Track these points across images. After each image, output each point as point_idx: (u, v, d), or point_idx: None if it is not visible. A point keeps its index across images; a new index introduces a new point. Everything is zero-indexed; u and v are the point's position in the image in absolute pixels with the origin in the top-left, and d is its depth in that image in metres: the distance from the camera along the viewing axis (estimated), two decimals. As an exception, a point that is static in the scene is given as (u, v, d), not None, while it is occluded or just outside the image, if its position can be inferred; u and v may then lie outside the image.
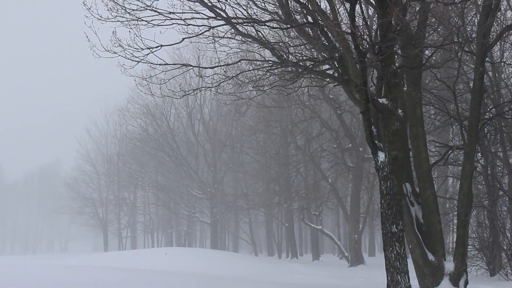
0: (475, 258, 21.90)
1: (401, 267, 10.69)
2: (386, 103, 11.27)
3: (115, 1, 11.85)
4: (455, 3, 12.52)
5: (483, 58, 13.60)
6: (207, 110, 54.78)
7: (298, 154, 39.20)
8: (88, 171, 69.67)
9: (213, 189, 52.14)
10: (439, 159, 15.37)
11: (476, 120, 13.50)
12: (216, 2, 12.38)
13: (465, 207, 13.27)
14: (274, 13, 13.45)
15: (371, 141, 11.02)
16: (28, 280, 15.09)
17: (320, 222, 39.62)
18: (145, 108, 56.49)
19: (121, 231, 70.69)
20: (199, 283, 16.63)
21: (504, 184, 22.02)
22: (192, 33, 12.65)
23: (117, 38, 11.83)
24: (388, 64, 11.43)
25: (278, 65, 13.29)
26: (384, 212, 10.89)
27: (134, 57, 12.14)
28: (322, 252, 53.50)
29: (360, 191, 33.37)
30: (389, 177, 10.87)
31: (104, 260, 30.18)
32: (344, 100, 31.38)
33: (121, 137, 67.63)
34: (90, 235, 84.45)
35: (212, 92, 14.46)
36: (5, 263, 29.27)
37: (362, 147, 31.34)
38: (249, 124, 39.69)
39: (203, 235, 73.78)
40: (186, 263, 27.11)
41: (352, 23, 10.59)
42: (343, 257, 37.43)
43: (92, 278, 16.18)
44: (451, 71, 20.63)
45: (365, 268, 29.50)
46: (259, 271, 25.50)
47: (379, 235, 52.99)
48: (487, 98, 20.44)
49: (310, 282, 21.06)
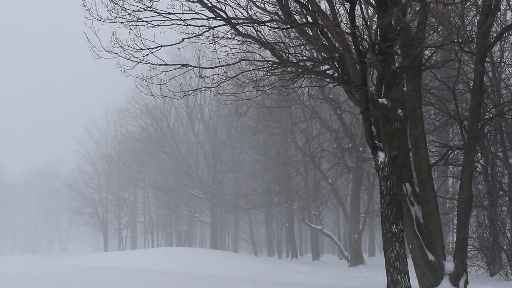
0: (475, 258, 21.91)
1: (401, 267, 10.69)
2: (386, 103, 11.27)
3: (115, 2, 11.86)
4: (455, 3, 12.51)
5: (483, 58, 13.61)
6: (207, 110, 54.80)
7: (298, 154, 39.20)
8: (88, 171, 69.65)
9: (213, 189, 52.13)
10: (439, 159, 15.36)
11: (476, 120, 13.51)
12: (216, 2, 12.38)
13: (465, 207, 13.27)
14: (274, 14, 13.46)
15: (371, 141, 11.02)
16: (28, 280, 15.09)
17: (320, 222, 39.63)
18: (145, 108, 56.53)
19: (121, 231, 70.68)
20: (199, 283, 16.63)
21: (504, 184, 22.01)
22: (192, 34, 12.65)
23: (117, 38, 11.84)
24: (388, 64, 11.45)
25: (278, 65, 13.30)
26: (384, 212, 10.89)
27: (134, 58, 12.14)
28: (322, 252, 53.53)
29: (360, 191, 33.37)
30: (389, 177, 10.87)
31: (104, 260, 30.17)
32: (344, 100, 31.38)
33: (121, 137, 67.68)
34: (90, 235, 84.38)
35: (212, 92, 14.46)
36: (5, 263, 29.25)
37: (362, 147, 31.35)
38: (249, 124, 39.69)
39: (203, 235, 73.78)
40: (186, 263, 27.10)
41: (352, 23, 10.60)
42: (343, 257, 37.44)
43: (92, 278, 16.18)
44: (451, 71, 20.64)
45: (365, 268, 29.50)
46: (259, 271, 25.50)
47: (379, 235, 52.98)
48: (487, 98, 20.44)
49: (310, 282, 21.05)
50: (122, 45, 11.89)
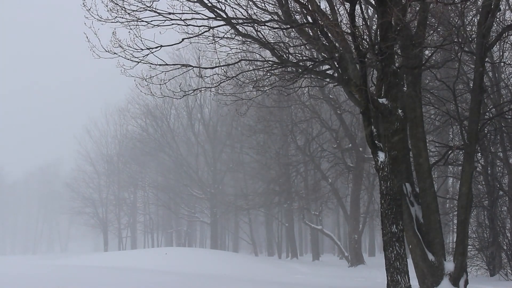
0: (475, 258, 21.91)
1: (401, 267, 10.69)
2: (386, 103, 11.27)
3: (115, 2, 11.86)
4: (455, 3, 12.51)
5: (483, 58, 13.60)
6: (207, 110, 54.80)
7: (298, 154, 39.19)
8: (88, 171, 69.67)
9: (213, 189, 52.13)
10: (439, 159, 15.36)
11: (476, 120, 13.50)
12: (216, 2, 12.39)
13: (465, 207, 13.26)
14: (274, 13, 13.46)
15: (371, 141, 11.02)
16: (28, 280, 15.10)
17: (320, 222, 39.64)
18: (145, 108, 56.53)
19: (121, 231, 70.69)
20: (199, 283, 16.63)
21: (504, 184, 22.01)
22: (192, 34, 12.66)
23: (117, 38, 11.84)
24: (388, 64, 11.44)
25: (278, 65, 13.29)
26: (384, 212, 10.89)
27: (134, 58, 12.15)
28: (322, 252, 53.53)
29: (360, 191, 33.37)
30: (389, 177, 10.87)
31: (104, 260, 30.17)
32: (344, 100, 31.39)
33: (121, 137, 67.72)
34: (90, 235, 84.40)
35: (212, 92, 14.45)
36: (5, 263, 29.26)
37: (362, 147, 31.35)
38: (249, 124, 39.67)
39: (203, 235, 73.76)
40: (186, 263, 27.11)
41: (352, 23, 10.59)
42: (343, 257, 37.45)
43: (92, 278, 16.18)
44: (451, 71, 20.63)
45: (365, 268, 29.49)
46: (259, 271, 25.50)
47: (379, 235, 52.99)
48: (487, 98, 20.44)
49: (310, 282, 21.05)
50: (122, 45, 11.90)
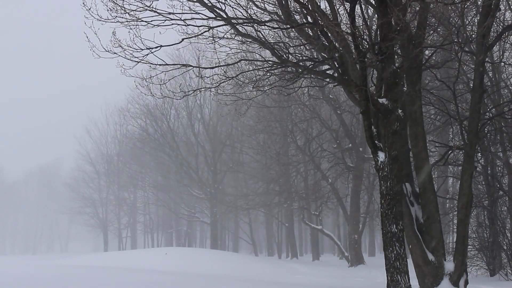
0: (475, 258, 21.90)
1: (401, 267, 10.69)
2: (386, 103, 11.27)
3: (115, 2, 11.86)
4: (455, 3, 12.52)
5: (483, 58, 13.60)
6: (207, 110, 54.76)
7: (298, 154, 39.16)
8: (88, 171, 69.67)
9: (213, 189, 52.11)
10: (439, 159, 15.38)
11: (476, 120, 13.51)
12: (216, 2, 12.39)
13: (465, 207, 13.27)
14: (274, 13, 13.45)
15: (371, 141, 11.02)
16: (28, 280, 15.09)
17: (320, 222, 39.59)
18: (145, 108, 56.45)
19: (121, 231, 70.67)
20: (199, 283, 16.63)
21: (504, 184, 22.01)
22: (191, 34, 12.65)
23: (117, 38, 11.84)
24: (388, 64, 11.44)
25: (278, 65, 13.29)
26: (384, 212, 10.89)
27: (134, 58, 12.15)
28: (322, 252, 53.53)
29: (360, 191, 33.36)
30: (389, 177, 10.87)
31: (104, 260, 30.14)
32: (344, 100, 31.37)
33: (121, 137, 67.68)
34: (90, 235, 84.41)
35: (212, 92, 14.45)
36: (5, 263, 29.24)
37: (362, 147, 31.33)
38: (249, 124, 39.67)
39: (203, 235, 73.76)
40: (186, 263, 27.08)
41: (352, 23, 10.59)
42: (343, 257, 37.43)
43: (92, 278, 16.18)
44: (451, 71, 20.62)
45: (365, 268, 29.49)
46: (259, 271, 25.49)
47: (379, 235, 52.98)
48: (487, 98, 20.44)
49: (310, 282, 21.05)
50: (122, 45, 11.90)
